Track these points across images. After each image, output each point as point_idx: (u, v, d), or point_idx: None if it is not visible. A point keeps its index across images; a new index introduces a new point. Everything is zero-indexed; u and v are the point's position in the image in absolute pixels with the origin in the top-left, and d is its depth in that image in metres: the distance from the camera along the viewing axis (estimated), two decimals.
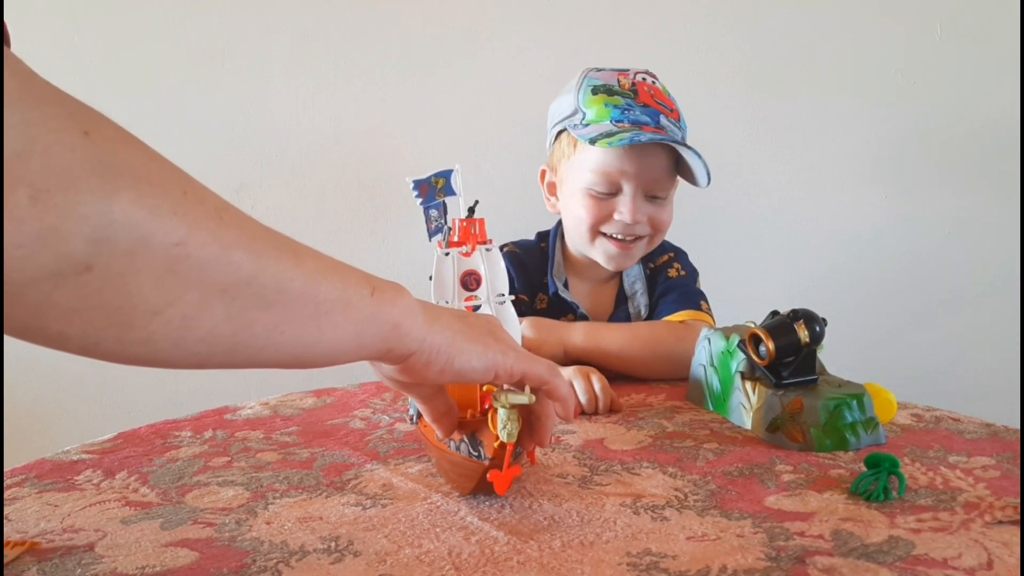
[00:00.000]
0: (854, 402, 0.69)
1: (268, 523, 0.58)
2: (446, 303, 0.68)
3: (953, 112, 1.45)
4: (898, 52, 1.43)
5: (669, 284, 1.08)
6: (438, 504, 0.60)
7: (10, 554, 0.53)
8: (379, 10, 1.39)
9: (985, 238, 1.48)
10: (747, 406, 0.76)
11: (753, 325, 0.80)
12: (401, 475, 0.66)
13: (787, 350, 0.72)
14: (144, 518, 0.60)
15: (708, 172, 0.99)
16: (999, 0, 1.42)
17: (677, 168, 1.03)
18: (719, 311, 1.09)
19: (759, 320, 0.78)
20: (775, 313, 0.76)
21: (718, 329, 0.83)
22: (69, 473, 0.70)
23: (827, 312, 0.74)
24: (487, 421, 0.58)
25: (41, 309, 0.32)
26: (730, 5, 1.41)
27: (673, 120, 1.02)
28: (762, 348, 0.74)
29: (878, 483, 0.57)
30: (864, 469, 0.60)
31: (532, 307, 1.08)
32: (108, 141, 0.34)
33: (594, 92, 1.02)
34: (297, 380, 1.30)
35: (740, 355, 0.77)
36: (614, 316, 1.10)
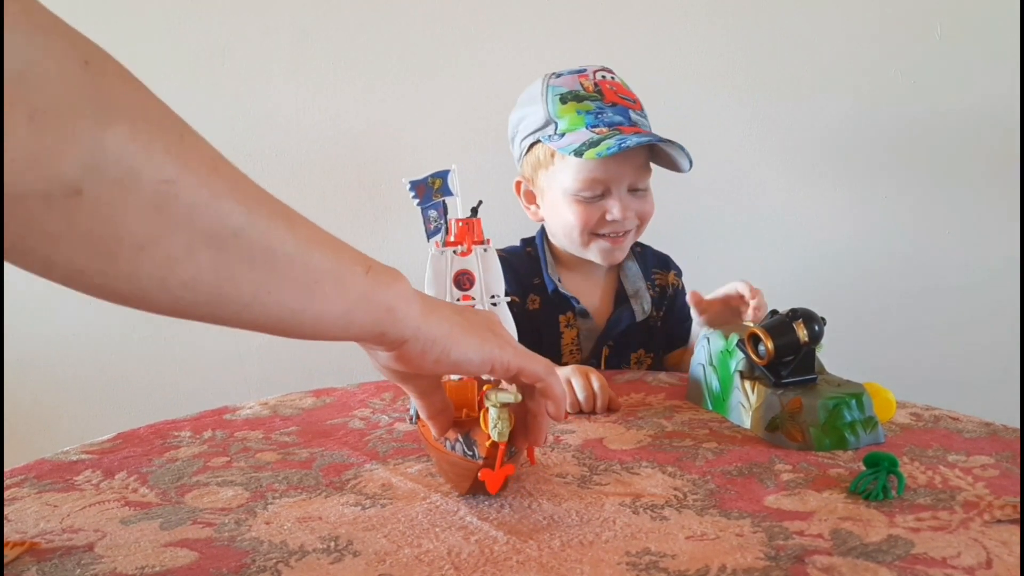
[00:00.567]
0: (853, 401, 0.69)
1: (267, 523, 0.58)
2: None
3: (953, 112, 1.45)
4: (898, 52, 1.43)
5: (686, 311, 1.09)
6: (437, 504, 0.60)
7: (10, 554, 0.53)
8: (379, 10, 1.39)
9: (985, 238, 1.48)
10: (746, 405, 0.76)
11: (752, 324, 0.80)
12: (400, 475, 0.66)
13: (786, 349, 0.73)
14: (144, 518, 0.60)
15: (689, 157, 1.02)
16: (999, 0, 1.42)
17: (655, 157, 1.06)
18: None
19: None
20: (774, 312, 0.76)
21: (718, 329, 0.83)
22: (68, 473, 0.70)
23: (826, 311, 0.74)
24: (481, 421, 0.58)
25: (30, 229, 0.33)
26: (730, 5, 1.41)
27: (639, 112, 1.05)
28: (761, 347, 0.74)
29: (877, 482, 0.57)
30: (863, 468, 0.60)
31: (524, 308, 1.10)
32: (108, 75, 0.35)
33: (563, 101, 1.03)
34: (297, 380, 1.30)
35: (739, 354, 0.78)
36: (616, 314, 1.11)
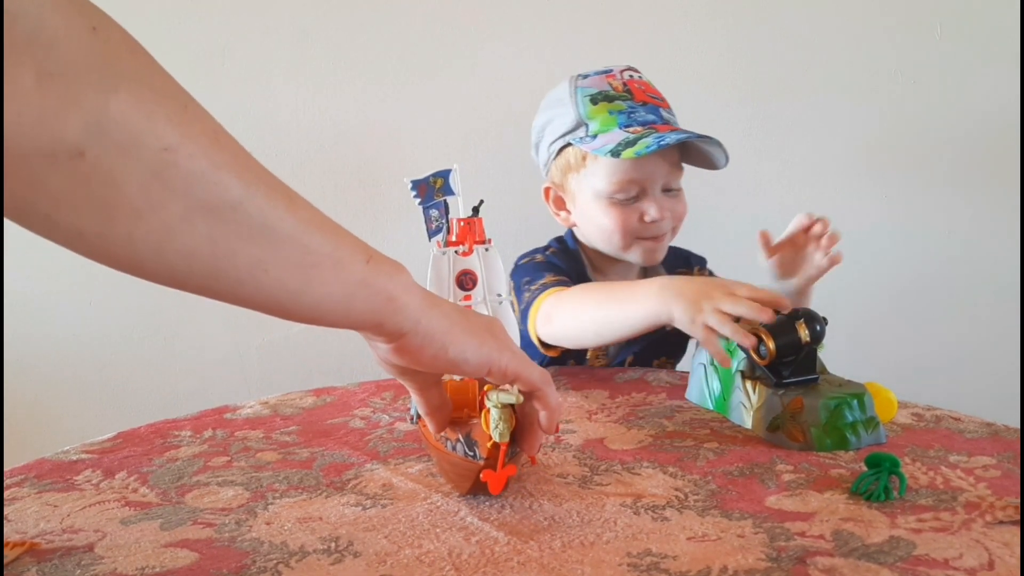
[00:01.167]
0: (855, 401, 0.69)
1: (268, 523, 0.58)
2: None
3: (953, 112, 1.45)
4: (898, 52, 1.43)
5: None
6: (438, 504, 0.60)
7: (10, 555, 0.53)
8: (379, 10, 1.39)
9: (985, 237, 1.48)
10: (747, 405, 0.76)
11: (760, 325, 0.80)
12: (401, 475, 0.66)
13: (787, 349, 0.72)
14: (144, 518, 0.60)
15: (726, 153, 1.00)
16: (999, 0, 1.42)
17: (686, 156, 1.04)
18: None
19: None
20: (775, 312, 0.76)
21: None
22: (69, 473, 0.70)
23: (827, 311, 0.74)
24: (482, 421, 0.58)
25: (33, 189, 0.34)
26: (730, 5, 1.41)
27: (668, 111, 1.03)
28: (762, 347, 0.73)
29: (879, 483, 0.57)
30: (865, 469, 0.60)
31: None
32: (114, 42, 0.36)
33: (594, 101, 1.01)
34: (297, 380, 1.30)
35: (740, 354, 0.77)
36: None
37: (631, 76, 1.04)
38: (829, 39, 1.42)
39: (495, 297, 0.68)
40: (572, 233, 1.12)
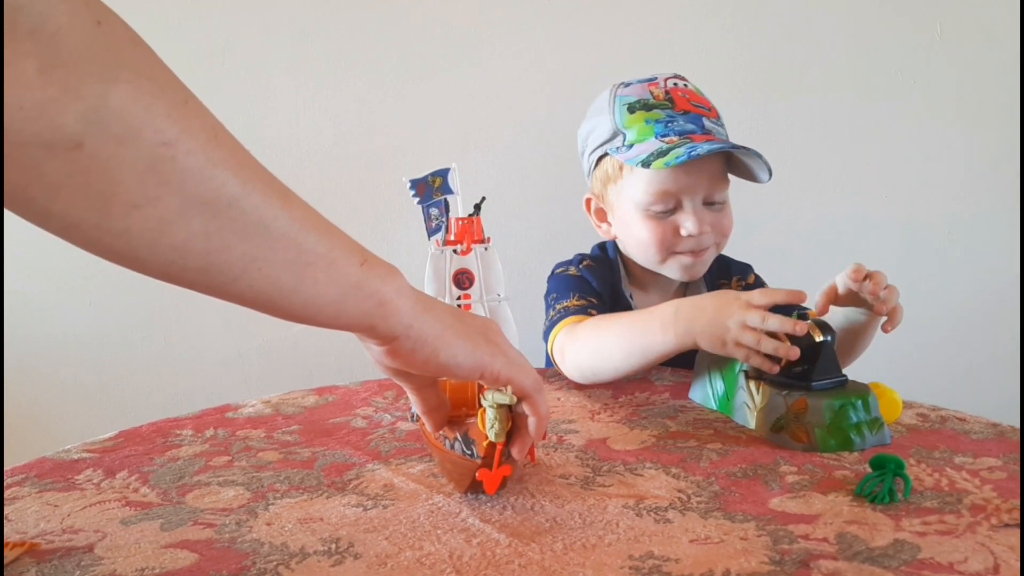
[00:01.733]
0: (859, 402, 0.69)
1: (268, 524, 0.57)
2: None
3: (952, 112, 1.45)
4: (898, 52, 1.43)
5: None
6: (439, 505, 0.59)
7: (10, 555, 0.53)
8: (379, 10, 1.38)
9: (985, 237, 1.48)
10: (751, 406, 0.76)
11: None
12: (403, 475, 0.66)
13: (805, 352, 0.72)
14: (144, 519, 0.59)
15: (768, 167, 0.95)
16: (999, 0, 1.41)
17: (728, 167, 0.99)
18: None
19: None
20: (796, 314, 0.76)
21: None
22: (69, 472, 0.70)
23: (828, 311, 0.74)
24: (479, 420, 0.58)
25: (31, 178, 0.34)
26: (730, 5, 1.41)
27: (715, 120, 0.99)
28: None
29: (883, 485, 0.57)
30: (869, 470, 0.60)
31: None
32: (117, 35, 0.36)
33: (630, 110, 0.97)
34: (299, 379, 1.29)
35: None
36: None
37: (675, 84, 1.00)
38: (829, 39, 1.42)
39: (493, 296, 0.68)
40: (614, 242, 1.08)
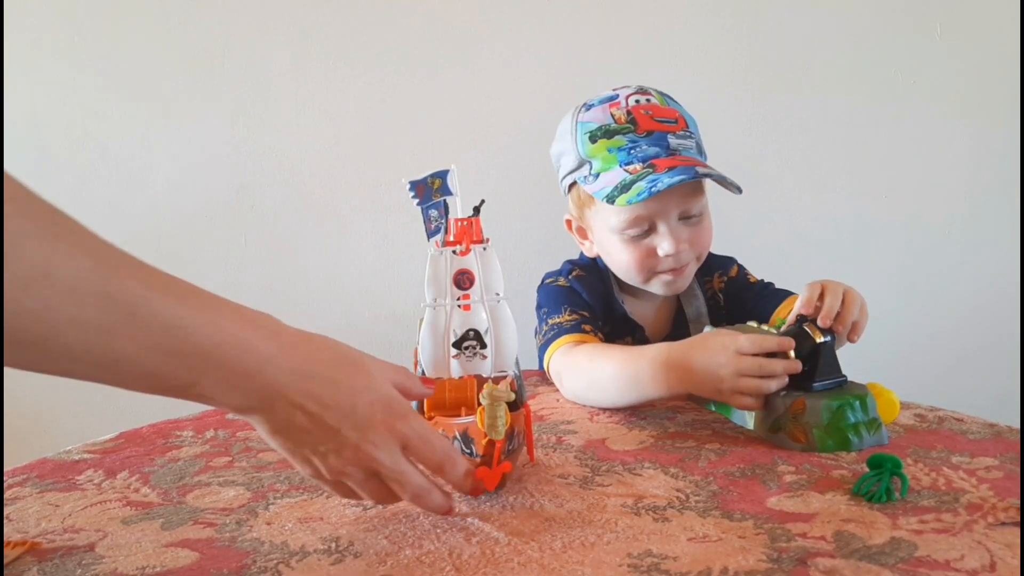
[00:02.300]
0: (857, 402, 0.69)
1: (269, 523, 0.58)
2: (435, 300, 0.68)
3: (952, 112, 1.45)
4: (898, 52, 1.43)
5: (757, 287, 1.06)
6: None
7: (10, 554, 0.53)
8: (379, 10, 1.39)
9: (985, 238, 1.48)
10: None
11: (755, 325, 0.80)
12: None
13: (807, 357, 0.72)
14: (145, 518, 0.60)
15: (736, 184, 0.94)
16: (999, 0, 1.42)
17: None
18: None
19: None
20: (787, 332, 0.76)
21: (720, 328, 0.83)
22: (70, 473, 0.70)
23: None
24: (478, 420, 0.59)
25: None
26: (730, 5, 1.41)
27: (682, 132, 0.96)
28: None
29: (880, 484, 0.57)
30: (867, 470, 0.60)
31: (603, 330, 1.01)
32: None
33: (592, 139, 0.96)
34: None
35: None
36: (673, 339, 1.05)
37: (637, 101, 0.97)
38: (829, 39, 1.42)
39: (492, 296, 0.68)
40: None
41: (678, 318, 1.06)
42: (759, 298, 1.04)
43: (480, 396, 0.58)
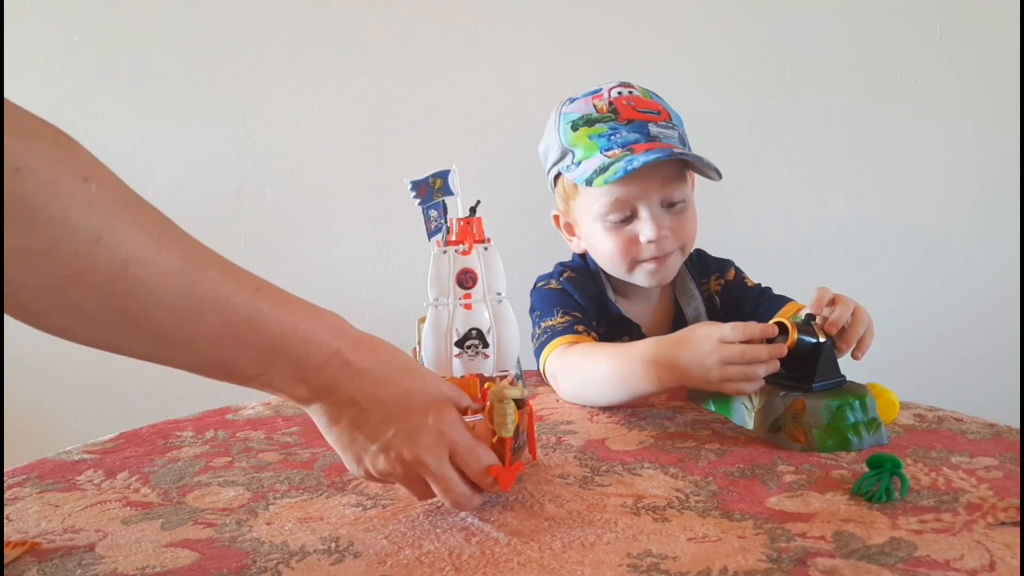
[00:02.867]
0: (856, 403, 0.69)
1: (268, 524, 0.58)
2: (437, 300, 0.68)
3: (952, 112, 1.45)
4: (898, 52, 1.43)
5: (754, 291, 1.07)
6: (439, 504, 0.60)
7: (10, 554, 0.53)
8: (379, 10, 1.39)
9: (985, 238, 1.48)
10: (749, 406, 0.76)
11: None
12: None
13: (805, 347, 0.72)
14: (145, 518, 0.60)
15: (715, 167, 0.95)
16: (999, 0, 1.42)
17: (688, 166, 0.98)
18: None
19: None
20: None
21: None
22: (70, 473, 0.70)
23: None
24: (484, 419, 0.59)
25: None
26: (730, 6, 1.41)
27: (664, 123, 0.98)
28: (778, 340, 0.73)
29: (880, 484, 0.57)
30: (866, 470, 0.60)
31: (598, 330, 1.01)
32: (35, 182, 0.40)
33: (574, 128, 0.97)
34: None
35: None
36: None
37: (619, 93, 0.99)
38: (829, 39, 1.42)
39: (494, 296, 0.68)
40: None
41: (678, 320, 1.06)
42: (757, 303, 1.04)
43: (490, 394, 0.59)
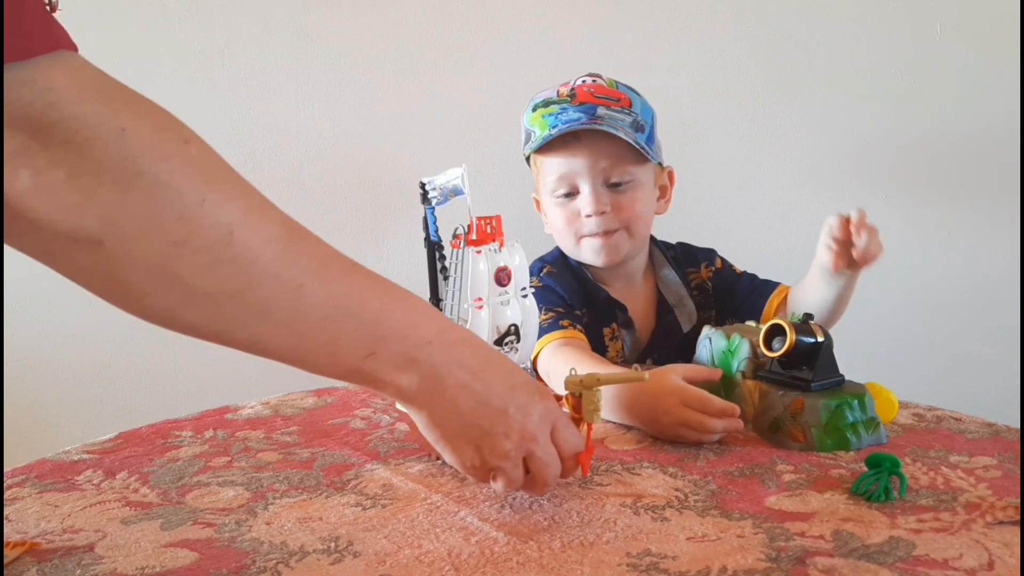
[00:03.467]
0: (855, 402, 0.69)
1: (268, 523, 0.58)
2: (480, 300, 0.68)
3: (953, 112, 1.45)
4: (898, 52, 1.43)
5: (745, 278, 1.11)
6: (438, 504, 0.60)
7: (10, 554, 0.53)
8: (379, 10, 1.39)
9: (985, 238, 1.48)
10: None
11: (753, 325, 0.80)
12: (401, 475, 0.66)
13: (803, 347, 0.72)
14: (144, 518, 0.60)
15: (638, 143, 0.97)
16: (999, 0, 1.42)
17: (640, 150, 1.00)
18: None
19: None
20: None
21: (719, 328, 0.83)
22: (70, 473, 0.70)
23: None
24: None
25: (61, 261, 0.42)
26: (730, 5, 1.41)
27: (620, 108, 1.01)
28: (776, 341, 0.73)
29: (879, 483, 0.57)
30: (865, 469, 0.60)
31: (583, 319, 1.02)
32: (138, 142, 0.41)
33: (534, 110, 1.04)
34: (299, 380, 1.29)
35: (742, 354, 0.77)
36: (661, 327, 1.08)
37: (583, 81, 1.04)
38: (829, 39, 1.42)
39: (520, 291, 0.70)
40: None
41: (660, 305, 1.09)
42: (749, 290, 1.09)
43: (569, 383, 0.60)
